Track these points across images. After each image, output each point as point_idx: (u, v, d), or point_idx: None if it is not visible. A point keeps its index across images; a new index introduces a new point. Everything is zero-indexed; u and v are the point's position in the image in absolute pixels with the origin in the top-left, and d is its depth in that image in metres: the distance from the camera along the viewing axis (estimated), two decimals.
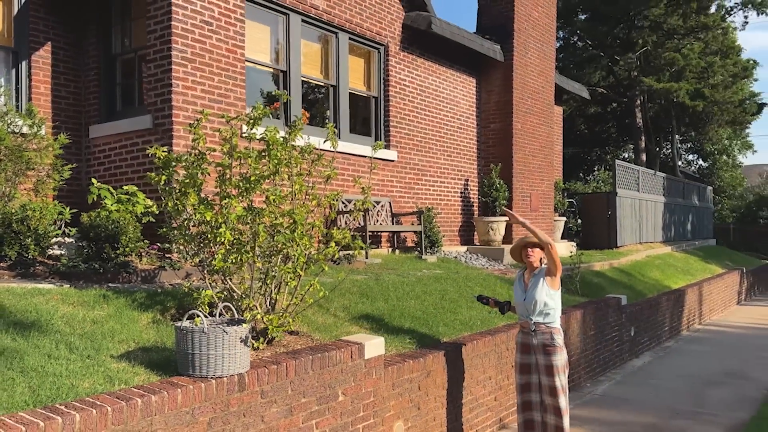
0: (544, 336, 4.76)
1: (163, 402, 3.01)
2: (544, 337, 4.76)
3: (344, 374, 4.10)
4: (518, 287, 4.99)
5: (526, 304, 4.85)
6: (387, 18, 9.64)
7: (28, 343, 3.42)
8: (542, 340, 4.76)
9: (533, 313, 4.79)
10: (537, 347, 4.79)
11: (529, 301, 4.81)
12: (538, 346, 4.78)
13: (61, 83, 7.55)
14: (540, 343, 4.77)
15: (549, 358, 4.74)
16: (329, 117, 9.05)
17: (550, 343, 4.75)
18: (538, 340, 4.78)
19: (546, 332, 4.77)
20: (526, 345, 4.88)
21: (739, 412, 6.49)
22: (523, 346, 4.90)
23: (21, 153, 6.04)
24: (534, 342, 4.80)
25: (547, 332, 4.77)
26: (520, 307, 4.93)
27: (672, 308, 10.97)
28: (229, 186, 4.29)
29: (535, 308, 4.77)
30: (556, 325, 4.81)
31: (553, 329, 4.78)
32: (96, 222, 5.44)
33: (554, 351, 4.74)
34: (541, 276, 4.83)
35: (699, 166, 34.16)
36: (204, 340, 3.26)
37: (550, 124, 12.52)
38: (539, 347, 4.78)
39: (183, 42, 6.72)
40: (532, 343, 4.81)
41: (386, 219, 9.37)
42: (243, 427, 3.40)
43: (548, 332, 4.77)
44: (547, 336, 4.76)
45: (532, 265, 4.90)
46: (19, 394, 2.88)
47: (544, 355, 4.75)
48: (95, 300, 4.32)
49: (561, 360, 4.75)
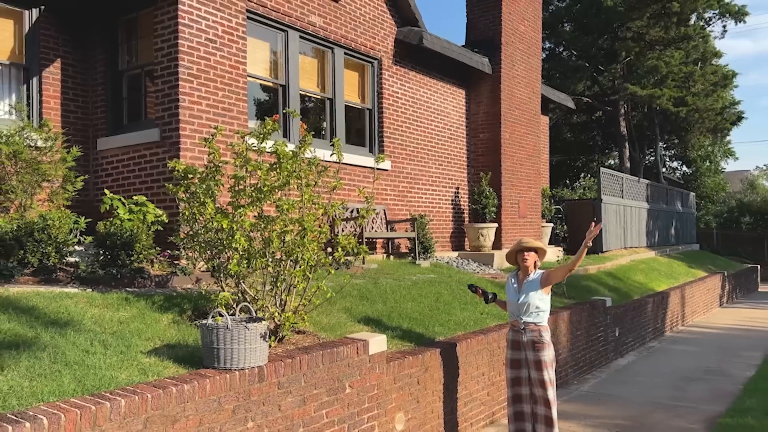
0: (533, 334, 5.10)
1: (194, 390, 3.36)
2: (533, 334, 5.10)
3: (351, 368, 4.46)
4: (511, 288, 5.31)
5: (519, 305, 5.17)
6: (380, 33, 10.05)
7: (66, 341, 3.76)
8: (531, 337, 5.10)
9: (525, 314, 5.12)
10: (526, 344, 5.13)
11: (523, 303, 5.13)
12: (528, 342, 5.11)
13: (70, 98, 7.88)
14: (529, 340, 5.10)
15: (537, 354, 5.08)
16: (326, 129, 9.44)
17: (538, 340, 5.08)
18: (528, 338, 5.11)
19: (535, 330, 5.11)
20: (516, 342, 5.21)
21: (716, 404, 6.91)
22: (514, 342, 5.23)
23: (37, 165, 6.38)
24: (524, 339, 5.13)
25: (536, 330, 5.11)
26: (512, 307, 5.25)
27: (656, 310, 11.42)
28: (243, 196, 4.65)
29: (527, 310, 5.11)
30: (544, 323, 5.16)
31: (541, 327, 5.13)
32: (111, 230, 5.77)
33: (542, 347, 5.08)
34: (538, 281, 5.17)
35: (683, 172, 34.87)
36: (228, 335, 3.62)
37: (537, 133, 12.98)
38: (528, 344, 5.11)
39: (189, 59, 7.08)
40: (522, 340, 5.15)
41: (381, 226, 9.75)
42: (262, 414, 3.76)
43: (537, 330, 5.11)
44: (536, 333, 5.10)
45: (528, 268, 5.22)
46: (67, 384, 3.23)
47: (533, 351, 5.09)
48: (118, 303, 4.66)
49: (549, 355, 5.10)
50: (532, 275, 5.23)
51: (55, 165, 6.61)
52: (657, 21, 22.47)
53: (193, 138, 7.08)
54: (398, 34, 10.35)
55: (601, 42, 24.58)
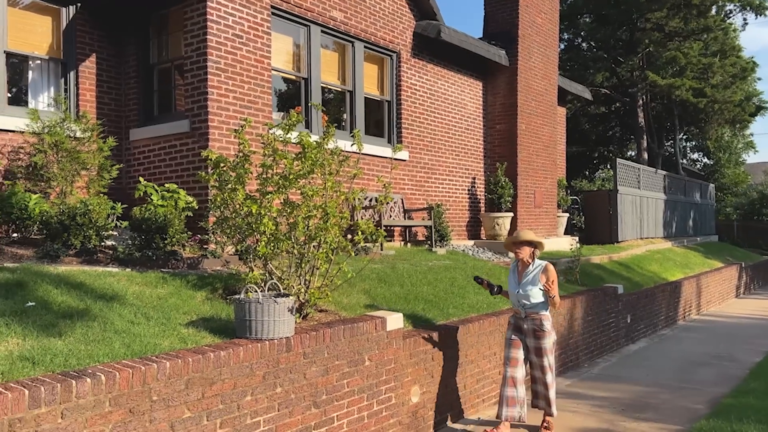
0: (534, 322, 5.27)
1: (229, 357, 3.73)
2: (534, 323, 5.27)
3: (370, 343, 4.81)
4: (512, 278, 5.45)
5: (519, 296, 5.30)
6: (399, 27, 10.34)
7: (113, 313, 4.16)
8: (533, 325, 5.27)
9: (525, 305, 5.28)
10: (528, 331, 5.32)
11: (522, 295, 5.27)
12: (529, 330, 5.30)
13: (104, 90, 8.30)
14: (531, 328, 5.29)
15: (539, 341, 5.27)
16: (346, 120, 9.78)
17: (540, 328, 5.25)
18: (529, 326, 5.29)
19: (536, 318, 5.26)
20: (518, 327, 5.42)
21: (721, 387, 7.16)
22: (516, 326, 5.44)
23: (77, 155, 6.81)
24: (525, 326, 5.32)
25: (537, 318, 5.26)
26: (513, 297, 5.39)
27: (668, 299, 11.63)
28: (270, 183, 5.00)
29: (527, 301, 5.26)
30: (545, 312, 5.30)
31: (542, 316, 5.26)
32: (146, 216, 6.17)
33: (543, 335, 5.26)
34: (538, 275, 5.26)
35: (703, 164, 34.67)
36: (259, 308, 3.99)
37: (553, 124, 13.19)
38: (530, 331, 5.30)
39: (217, 54, 7.45)
40: (524, 327, 5.35)
41: (399, 214, 10.08)
42: (290, 381, 4.13)
43: (538, 318, 5.26)
44: (537, 322, 5.25)
45: (523, 260, 5.36)
46: (118, 348, 3.62)
47: (534, 339, 5.28)
48: (156, 281, 5.06)
49: (549, 343, 5.28)
50: (531, 267, 5.33)
51: (92, 154, 7.05)
52: (676, 12, 22.43)
53: (220, 129, 7.46)
54: (417, 28, 10.63)
55: (620, 33, 24.57)
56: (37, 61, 7.92)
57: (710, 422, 5.54)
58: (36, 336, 3.57)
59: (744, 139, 33.25)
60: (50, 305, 4.04)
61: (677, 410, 6.25)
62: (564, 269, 10.41)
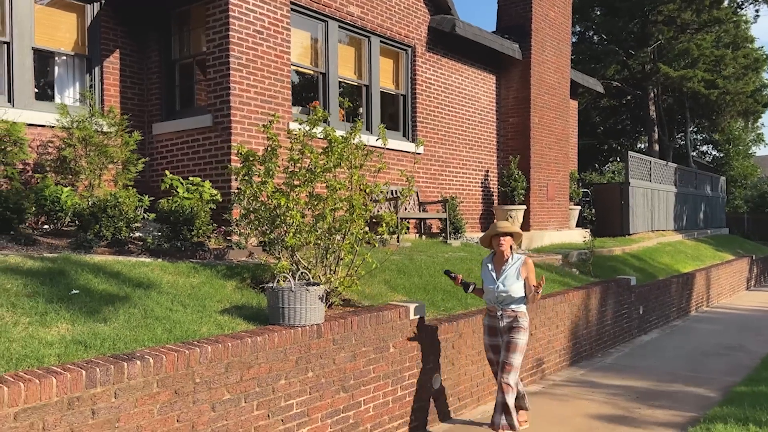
0: (509, 319, 4.96)
1: (264, 342, 3.92)
2: (509, 319, 4.96)
3: (394, 330, 4.99)
4: (488, 274, 5.09)
5: (497, 292, 4.97)
6: (414, 22, 10.47)
7: (151, 300, 4.36)
8: (509, 322, 4.97)
9: (503, 301, 4.96)
10: (503, 329, 5.00)
11: (501, 291, 4.95)
12: (505, 328, 4.98)
13: (127, 86, 8.49)
14: (507, 326, 4.98)
15: (511, 335, 4.93)
16: (362, 114, 9.93)
17: (516, 324, 4.94)
18: (505, 323, 4.98)
19: (512, 316, 4.96)
20: (492, 328, 5.09)
21: (733, 376, 7.30)
22: (490, 329, 5.11)
23: (104, 149, 7.01)
24: (500, 325, 5.01)
25: (512, 315, 4.96)
26: (489, 294, 5.05)
27: (680, 290, 11.75)
28: (297, 177, 5.17)
29: (506, 297, 4.94)
30: (523, 309, 4.99)
31: (519, 313, 4.96)
32: (173, 208, 6.36)
33: (518, 330, 4.92)
34: (518, 272, 4.94)
35: (713, 156, 34.60)
36: (291, 296, 4.17)
37: (565, 117, 13.30)
38: (505, 329, 4.98)
39: (239, 49, 7.62)
40: (499, 326, 5.02)
41: (414, 207, 10.24)
42: (320, 366, 4.31)
43: (514, 315, 4.95)
44: (513, 318, 4.95)
45: (503, 253, 5.01)
46: (160, 333, 3.82)
47: (508, 334, 4.95)
48: (187, 271, 5.25)
49: (522, 340, 4.91)
50: (510, 261, 5.01)
51: (119, 148, 7.24)
52: (689, 4, 22.39)
53: (242, 123, 7.63)
54: (431, 22, 10.75)
55: (632, 26, 24.55)
56: (63, 57, 8.11)
57: (723, 409, 5.69)
58: (83, 321, 3.77)
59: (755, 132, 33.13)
60: (92, 293, 4.24)
61: (691, 398, 6.40)
62: (577, 261, 10.55)
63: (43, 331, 3.54)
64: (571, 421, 5.66)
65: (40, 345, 3.36)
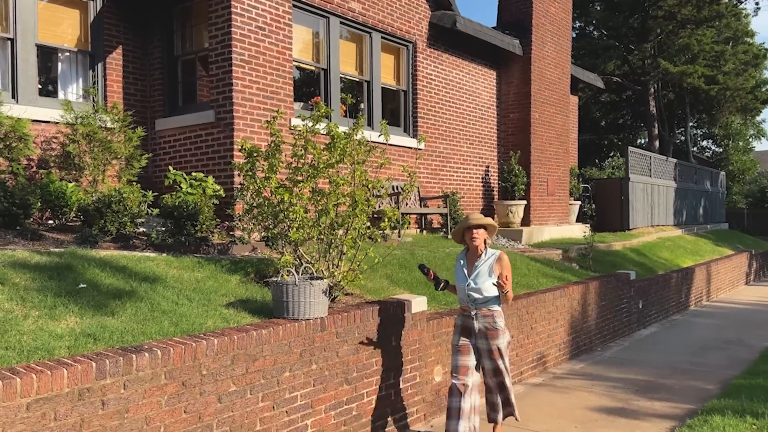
0: (486, 320, 4.56)
1: (269, 335, 3.99)
2: (485, 321, 4.56)
3: (396, 324, 5.05)
4: (460, 270, 4.73)
5: (469, 290, 4.59)
6: (415, 17, 10.51)
7: (157, 294, 4.42)
8: (484, 324, 4.56)
9: (476, 300, 4.57)
10: (479, 331, 4.59)
11: (473, 288, 4.57)
12: (480, 330, 4.58)
13: (130, 82, 8.53)
14: (482, 328, 4.57)
15: (490, 342, 4.56)
16: (363, 110, 9.98)
17: (492, 327, 4.55)
18: (480, 325, 4.57)
19: (488, 315, 4.56)
20: (466, 328, 4.67)
21: (732, 369, 7.37)
22: (463, 329, 4.68)
23: (108, 144, 7.06)
24: (475, 326, 4.59)
25: (489, 315, 4.56)
26: (462, 292, 4.68)
27: (679, 285, 11.82)
28: (300, 172, 5.23)
29: (480, 295, 4.55)
30: (498, 309, 4.61)
31: (495, 313, 4.58)
32: (177, 203, 6.43)
33: (496, 335, 4.55)
34: (491, 267, 4.57)
35: (713, 151, 34.64)
36: (296, 290, 4.23)
37: (565, 113, 13.34)
38: (481, 332, 4.58)
39: (241, 46, 7.66)
40: (473, 327, 4.61)
41: (415, 202, 10.30)
42: (324, 359, 4.38)
43: (490, 315, 4.56)
44: (489, 320, 4.56)
45: (477, 248, 4.62)
46: (167, 326, 3.88)
47: (486, 339, 4.56)
48: (192, 265, 5.31)
49: (503, 342, 4.58)
50: (483, 257, 4.61)
51: (123, 144, 7.30)
52: None
53: (245, 119, 7.68)
54: (432, 18, 10.79)
55: (632, 21, 24.56)
56: (66, 54, 8.16)
57: (721, 401, 5.76)
58: (92, 315, 3.83)
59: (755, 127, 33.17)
60: (99, 287, 4.30)
61: (689, 391, 6.48)
62: (577, 256, 10.61)
63: (52, 324, 3.60)
64: (571, 413, 5.73)
65: (51, 337, 3.43)
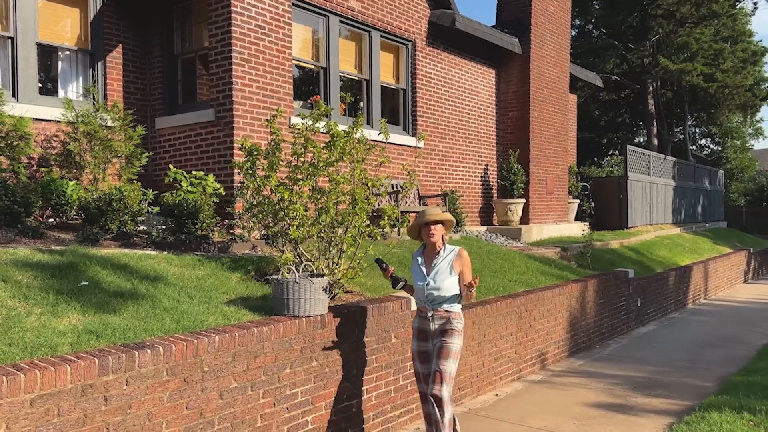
0: (442, 320, 4.33)
1: (270, 332, 4.02)
2: (442, 321, 4.33)
3: (395, 321, 5.09)
4: (418, 269, 4.46)
5: (429, 289, 4.34)
6: (414, 16, 10.53)
7: (158, 292, 4.45)
8: (440, 324, 4.33)
9: (435, 299, 4.33)
10: (435, 332, 4.35)
11: (433, 287, 4.32)
12: (437, 331, 4.34)
13: (130, 80, 8.55)
14: (438, 328, 4.33)
15: (444, 339, 4.29)
16: (362, 108, 10.00)
17: (449, 327, 4.31)
18: (437, 326, 4.34)
19: (445, 316, 4.33)
20: (423, 331, 4.43)
21: (730, 367, 7.41)
22: (420, 332, 4.44)
23: (109, 143, 7.09)
24: (431, 327, 4.35)
25: (446, 316, 4.33)
26: (420, 292, 4.41)
27: (678, 283, 11.86)
28: (300, 171, 5.25)
29: (439, 294, 4.31)
30: (457, 310, 4.37)
31: (453, 313, 4.34)
32: (178, 201, 6.45)
33: (452, 334, 4.29)
34: (450, 265, 4.32)
35: (711, 150, 34.70)
36: (296, 288, 4.26)
37: (564, 111, 13.37)
38: (437, 332, 4.34)
39: (241, 44, 7.68)
40: (430, 329, 4.37)
41: (414, 201, 10.33)
42: (324, 356, 4.41)
43: (447, 316, 4.33)
44: (446, 320, 4.32)
45: (435, 245, 4.40)
46: (169, 324, 3.91)
47: (440, 338, 4.31)
48: (192, 263, 5.34)
49: (457, 345, 4.30)
50: (441, 254, 4.37)
51: (123, 143, 7.32)
52: None
53: (245, 118, 7.71)
54: (431, 17, 10.81)
55: (631, 20, 24.60)
56: (66, 52, 8.17)
57: (719, 398, 5.80)
58: (94, 312, 3.86)
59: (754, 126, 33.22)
60: (101, 284, 4.33)
61: (687, 388, 6.52)
62: (576, 254, 10.65)
63: (55, 321, 3.63)
64: (570, 410, 5.77)
65: (53, 334, 3.46)
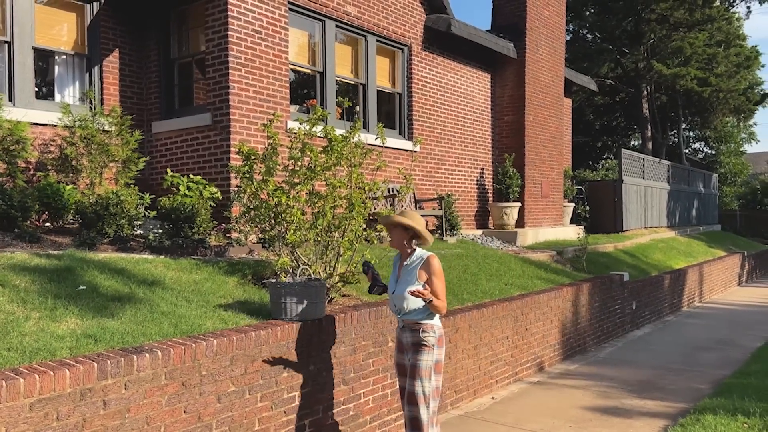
0: (413, 333, 4.02)
1: (268, 336, 4.04)
2: (413, 334, 4.02)
3: (392, 325, 5.11)
4: (392, 275, 4.24)
5: (395, 299, 4.08)
6: (410, 21, 10.58)
7: (156, 296, 4.46)
8: (412, 337, 4.03)
9: (401, 310, 4.05)
10: (407, 346, 4.07)
11: (396, 297, 4.07)
12: (408, 344, 4.06)
13: (126, 84, 8.56)
14: (409, 342, 4.04)
15: (415, 357, 3.98)
16: (359, 112, 10.04)
17: (419, 340, 3.98)
18: (408, 339, 4.06)
19: (416, 329, 4.01)
20: (399, 342, 4.16)
21: (724, 369, 7.46)
22: (398, 342, 4.18)
23: (106, 147, 7.10)
24: (404, 339, 4.09)
25: (416, 328, 4.01)
26: (390, 301, 4.19)
27: (672, 286, 11.92)
28: (297, 175, 5.28)
29: (404, 304, 4.01)
30: (429, 321, 4.02)
31: (424, 325, 4.00)
32: (175, 205, 6.46)
33: (422, 350, 3.97)
34: (416, 270, 4.02)
35: (705, 153, 34.87)
36: (293, 292, 4.28)
37: (560, 115, 13.44)
38: (409, 346, 4.05)
39: (237, 49, 7.71)
40: (403, 340, 4.11)
41: (410, 204, 10.36)
42: (321, 360, 4.43)
43: (418, 329, 4.00)
44: (417, 333, 4.00)
45: (402, 250, 4.16)
46: (167, 328, 3.92)
47: (412, 354, 4.02)
48: (190, 267, 5.36)
49: (428, 362, 3.96)
50: (409, 260, 4.09)
51: (120, 147, 7.33)
52: (681, 3, 22.58)
53: (241, 122, 7.73)
54: (427, 21, 10.86)
55: (625, 24, 24.73)
56: (63, 57, 8.18)
57: (713, 400, 5.84)
58: (92, 316, 3.87)
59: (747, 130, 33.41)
60: (99, 289, 4.34)
61: (682, 390, 6.56)
62: (571, 257, 10.70)
63: (53, 325, 3.64)
64: (565, 413, 5.80)
65: (52, 339, 3.47)
